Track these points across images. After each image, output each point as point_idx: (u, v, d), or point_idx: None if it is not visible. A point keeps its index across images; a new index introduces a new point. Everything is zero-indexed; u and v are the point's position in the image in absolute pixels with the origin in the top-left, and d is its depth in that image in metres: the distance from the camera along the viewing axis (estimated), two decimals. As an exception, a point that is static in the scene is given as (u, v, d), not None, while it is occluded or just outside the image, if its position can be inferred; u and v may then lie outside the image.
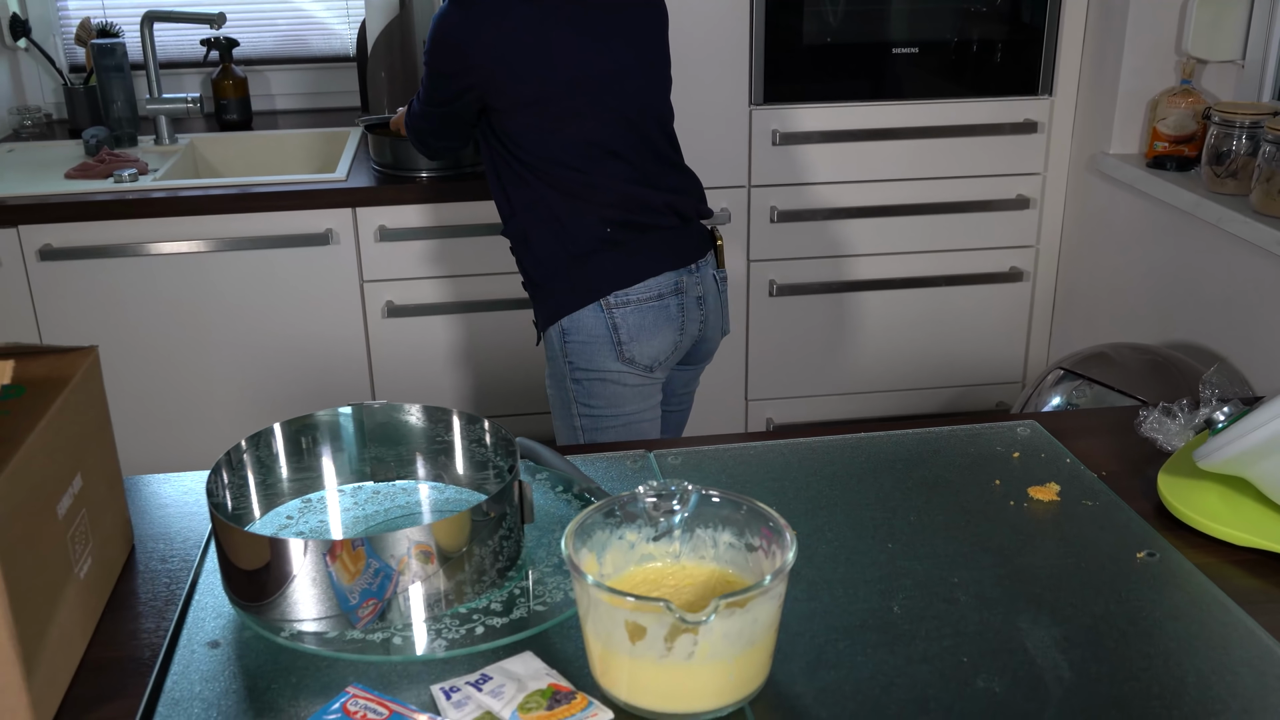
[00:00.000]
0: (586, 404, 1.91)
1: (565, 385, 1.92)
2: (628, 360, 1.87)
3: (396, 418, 1.17)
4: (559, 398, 1.95)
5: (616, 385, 1.89)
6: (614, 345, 1.86)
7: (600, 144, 1.83)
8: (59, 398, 0.99)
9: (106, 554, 1.07)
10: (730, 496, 0.98)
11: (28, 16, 2.88)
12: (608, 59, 1.82)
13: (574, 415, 1.93)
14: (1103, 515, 1.19)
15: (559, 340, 1.89)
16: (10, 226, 2.34)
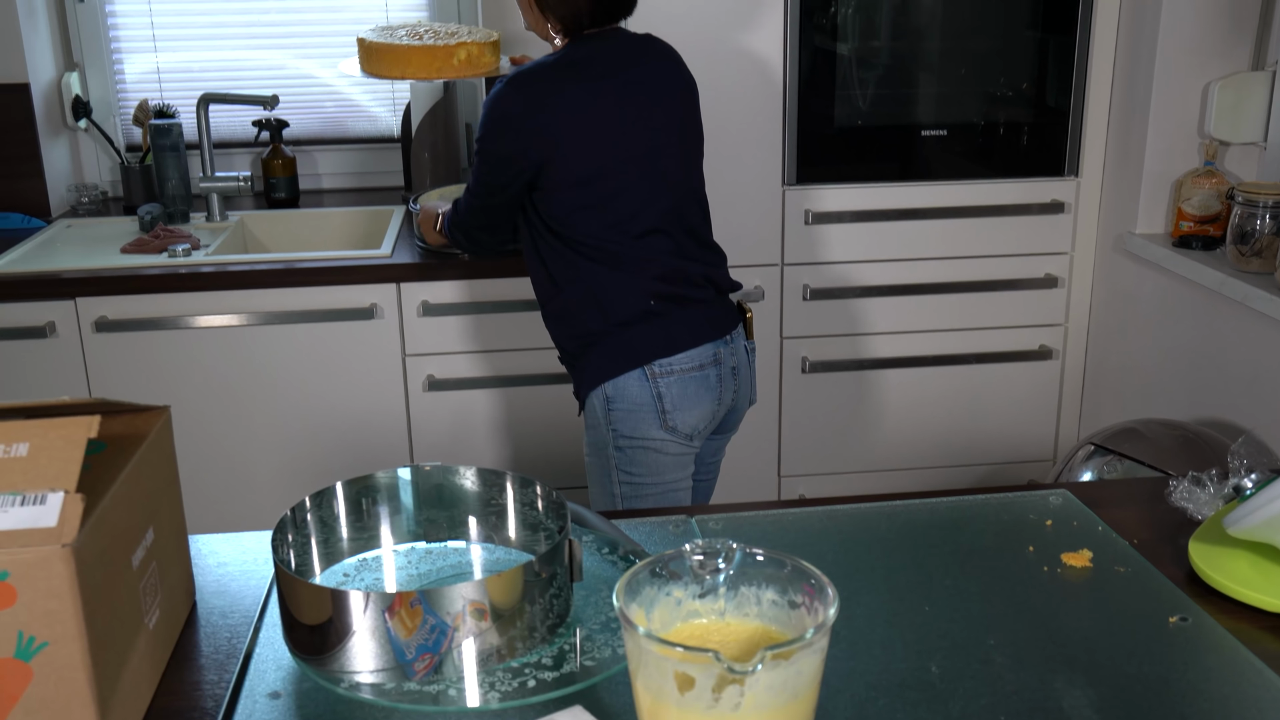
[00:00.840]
0: (628, 471, 1.95)
1: (607, 453, 1.96)
2: (670, 429, 1.92)
3: (451, 480, 1.22)
4: (599, 465, 1.99)
5: (658, 454, 1.93)
6: (658, 414, 1.90)
7: (644, 219, 1.89)
8: (136, 453, 1.04)
9: (173, 607, 1.12)
10: (774, 555, 1.02)
11: (89, 98, 3.00)
12: (650, 135, 1.90)
13: (614, 483, 1.96)
14: (1135, 581, 1.22)
15: (602, 408, 1.93)
16: (68, 298, 2.42)
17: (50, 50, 2.92)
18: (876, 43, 2.67)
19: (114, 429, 1.09)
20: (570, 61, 1.87)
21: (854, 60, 2.66)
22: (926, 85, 2.71)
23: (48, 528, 0.89)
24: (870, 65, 2.68)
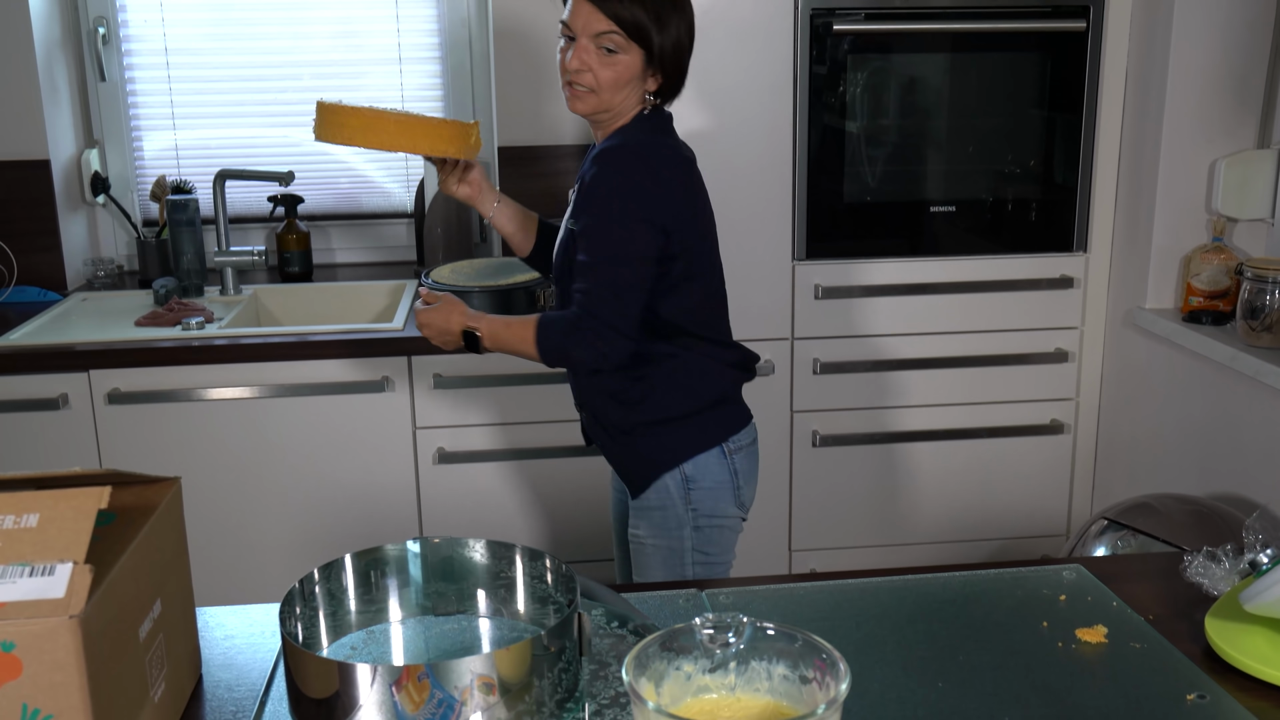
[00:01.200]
0: (705, 551, 1.88)
1: (681, 534, 1.87)
2: (740, 504, 1.90)
3: (461, 553, 1.21)
4: (666, 547, 1.88)
5: (731, 530, 1.90)
6: (734, 490, 1.87)
7: (719, 294, 1.91)
8: (145, 525, 1.04)
9: (178, 680, 1.11)
10: (784, 629, 1.01)
11: (108, 174, 3.05)
12: (710, 209, 1.92)
13: (687, 565, 1.87)
14: (1151, 657, 1.20)
15: (679, 488, 1.85)
16: (81, 370, 2.44)
17: (71, 127, 2.98)
18: (885, 120, 2.70)
19: (124, 500, 1.09)
20: (672, 130, 1.87)
21: (863, 137, 2.69)
22: (935, 162, 2.74)
23: (55, 599, 0.88)
24: (879, 143, 2.71)
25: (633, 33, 1.75)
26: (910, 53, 2.67)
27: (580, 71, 1.76)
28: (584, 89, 1.78)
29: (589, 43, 1.75)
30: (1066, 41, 2.68)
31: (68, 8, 2.96)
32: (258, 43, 3.07)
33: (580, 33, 1.75)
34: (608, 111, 1.81)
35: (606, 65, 1.76)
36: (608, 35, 1.75)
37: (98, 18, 2.97)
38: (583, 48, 1.76)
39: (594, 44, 1.75)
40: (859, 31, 2.61)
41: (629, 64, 1.76)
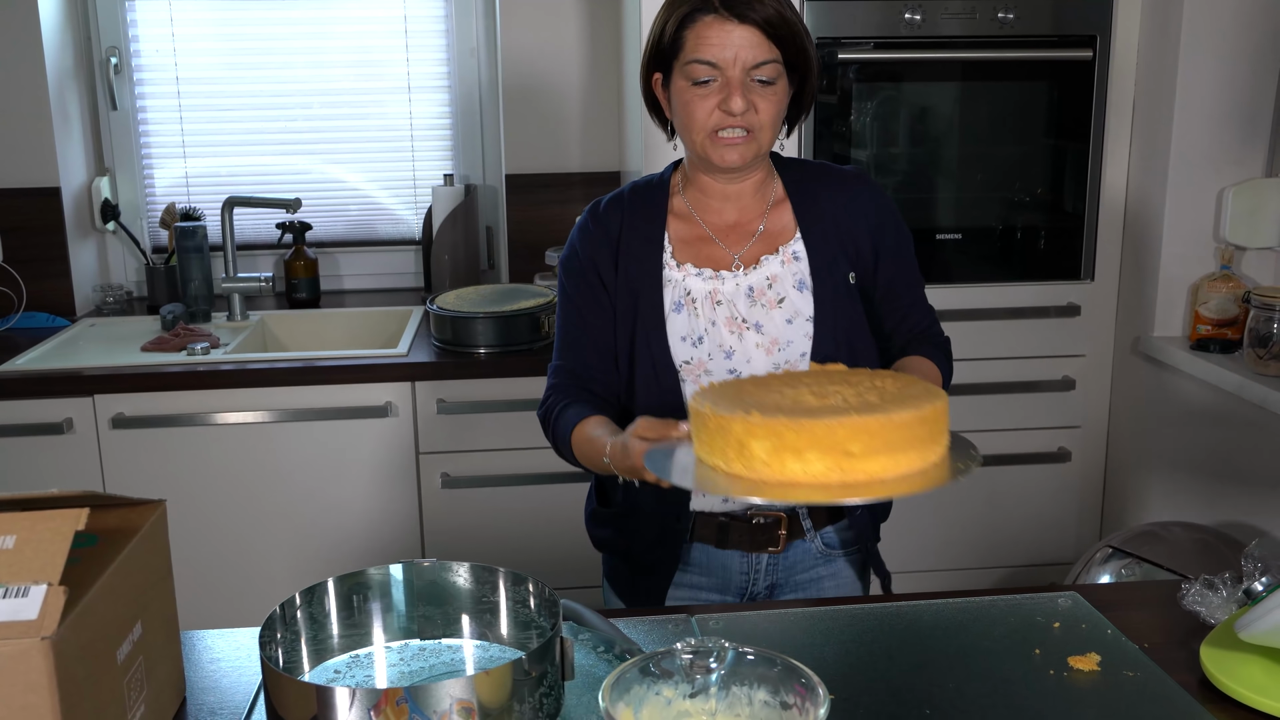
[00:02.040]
0: None
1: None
2: None
3: (445, 577, 1.21)
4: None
5: None
6: None
7: None
8: (126, 547, 1.04)
9: (159, 703, 1.11)
10: (765, 654, 1.00)
11: (118, 202, 3.07)
12: None
13: None
14: (1145, 686, 1.18)
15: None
16: (86, 395, 2.45)
17: (82, 155, 3.00)
18: (892, 149, 2.70)
19: (107, 523, 1.09)
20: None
21: (869, 165, 2.69)
22: (941, 190, 2.73)
23: (28, 620, 0.88)
24: (886, 171, 2.70)
25: (792, 53, 1.49)
26: (916, 81, 2.67)
27: (746, 113, 1.47)
28: (742, 134, 1.49)
29: (744, 77, 1.46)
30: (1073, 70, 2.68)
31: (80, 37, 3.00)
32: (268, 72, 3.10)
33: (731, 66, 1.45)
34: (760, 155, 1.55)
35: (766, 98, 1.48)
36: (767, 65, 1.47)
37: (110, 47, 3.01)
38: (740, 85, 1.46)
39: (749, 77, 1.47)
40: (865, 60, 2.61)
41: (783, 90, 1.52)
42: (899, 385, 1.21)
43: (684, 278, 1.58)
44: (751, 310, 1.56)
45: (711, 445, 1.13)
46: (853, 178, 1.65)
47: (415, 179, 3.22)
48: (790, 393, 1.18)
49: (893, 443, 1.09)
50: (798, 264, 1.58)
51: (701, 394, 1.21)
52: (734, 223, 1.61)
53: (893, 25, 2.60)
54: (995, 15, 2.60)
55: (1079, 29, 2.64)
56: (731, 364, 1.56)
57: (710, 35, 1.45)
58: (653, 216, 1.61)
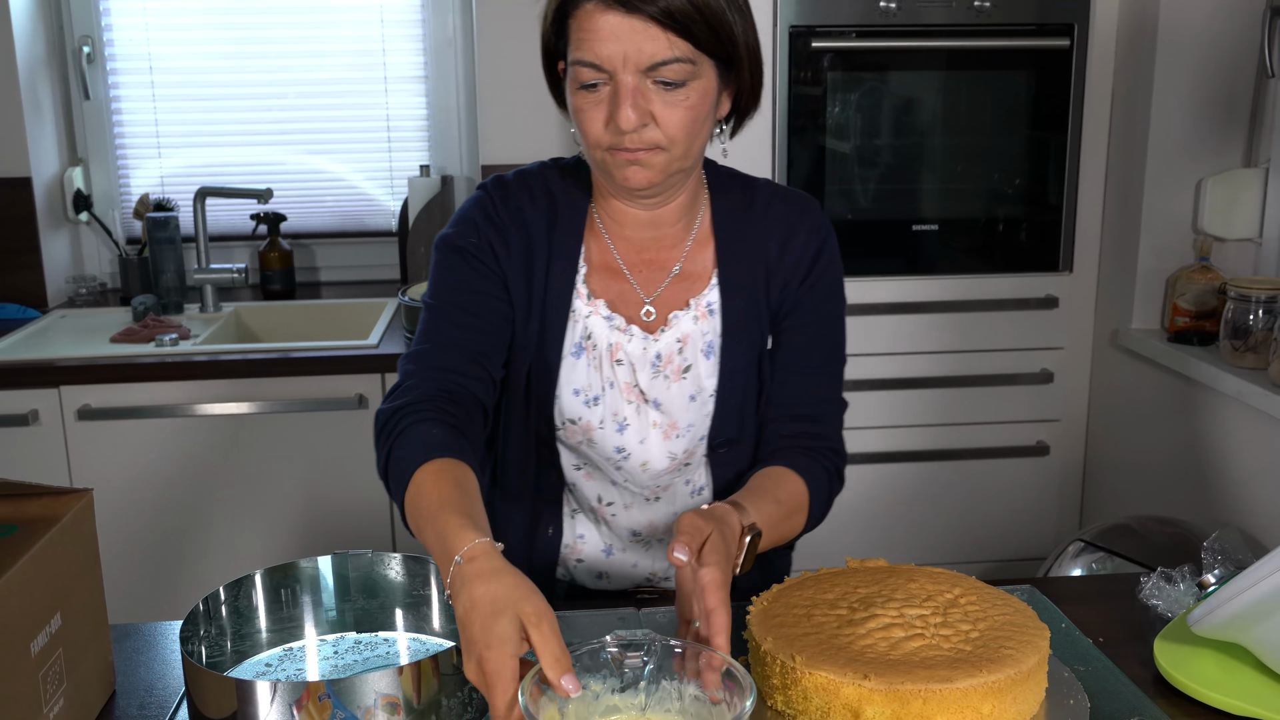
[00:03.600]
0: None
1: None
2: None
3: (379, 569, 1.18)
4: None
5: None
6: None
7: None
8: (44, 537, 1.02)
9: (83, 697, 1.08)
10: (696, 647, 0.98)
11: (91, 192, 3.04)
12: None
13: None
14: (1094, 680, 1.16)
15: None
16: (52, 387, 2.42)
17: (55, 145, 2.98)
18: (868, 139, 2.67)
19: (29, 512, 1.07)
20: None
21: (845, 156, 2.66)
22: (918, 181, 2.70)
23: (-74, 609, 0.86)
24: (862, 161, 2.68)
25: (709, 44, 1.19)
26: (892, 70, 2.64)
27: (643, 127, 1.19)
28: (647, 150, 1.20)
29: (638, 81, 1.17)
30: (1051, 60, 2.65)
31: (52, 26, 2.97)
32: (245, 62, 3.07)
33: (619, 68, 1.17)
34: (683, 172, 1.27)
35: (673, 106, 1.19)
36: (671, 65, 1.17)
37: (82, 36, 2.98)
38: (633, 90, 1.17)
39: (647, 81, 1.18)
40: (839, 49, 2.58)
41: (703, 91, 1.21)
42: (983, 602, 1.14)
43: (590, 314, 1.33)
44: (654, 382, 1.34)
45: (804, 705, 1.03)
46: (798, 210, 1.38)
47: (392, 170, 3.19)
48: (873, 626, 1.08)
49: (1021, 696, 1.04)
50: (711, 320, 1.35)
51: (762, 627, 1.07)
52: (648, 256, 1.35)
53: (869, 13, 2.57)
54: (972, 3, 2.57)
55: (1057, 17, 2.61)
56: (622, 440, 1.34)
57: (592, 28, 1.16)
58: (573, 221, 1.34)
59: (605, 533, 1.45)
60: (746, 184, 1.40)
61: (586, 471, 1.41)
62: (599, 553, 1.46)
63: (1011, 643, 1.07)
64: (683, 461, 1.38)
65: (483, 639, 0.93)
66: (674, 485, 1.41)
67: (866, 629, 1.09)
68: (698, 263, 1.36)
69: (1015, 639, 1.08)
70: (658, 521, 1.42)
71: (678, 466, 1.39)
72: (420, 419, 1.19)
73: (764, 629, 1.09)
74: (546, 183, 1.36)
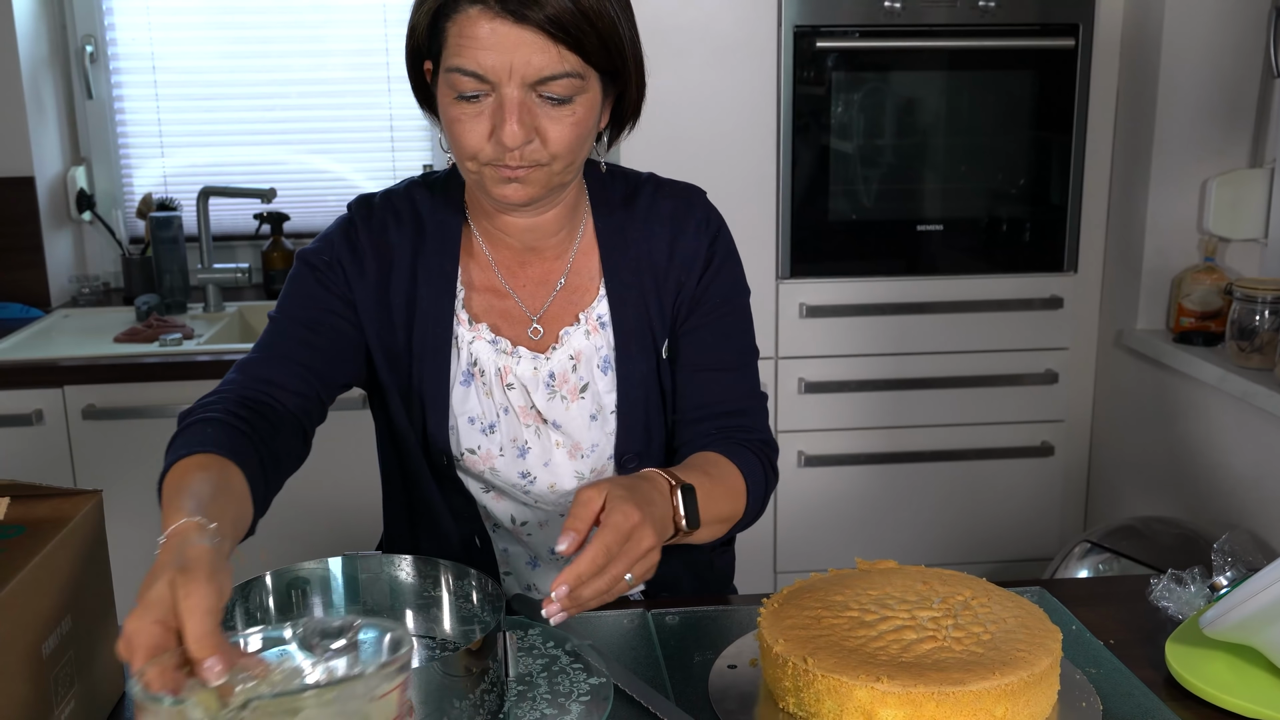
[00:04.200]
0: None
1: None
2: None
3: (388, 570, 1.18)
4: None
5: None
6: None
7: None
8: (55, 538, 1.01)
9: (94, 697, 1.08)
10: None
11: (94, 192, 3.04)
12: None
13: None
14: (1105, 683, 1.15)
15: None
16: (56, 386, 2.42)
17: (58, 145, 2.97)
18: (872, 138, 2.67)
19: (39, 513, 1.07)
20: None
21: (849, 156, 2.66)
22: (922, 181, 2.70)
23: (-61, 611, 0.85)
24: (866, 161, 2.68)
25: (599, 58, 1.13)
26: (897, 70, 2.64)
27: (527, 144, 1.13)
28: (529, 168, 1.15)
29: (523, 95, 1.11)
30: (1056, 60, 2.65)
31: (55, 25, 2.96)
32: (248, 62, 3.07)
33: (505, 80, 1.11)
34: (563, 185, 1.22)
35: (560, 121, 1.14)
36: (559, 80, 1.12)
37: (85, 35, 2.98)
38: (519, 105, 1.11)
39: (533, 95, 1.12)
40: (843, 49, 2.58)
41: (589, 105, 1.16)
42: (994, 604, 1.14)
43: (473, 340, 1.28)
44: (551, 404, 1.29)
45: (817, 707, 1.03)
46: (681, 207, 1.32)
47: (395, 170, 3.18)
48: (885, 629, 1.08)
49: (1034, 699, 1.04)
50: (603, 334, 1.30)
51: (774, 629, 1.07)
52: (531, 270, 1.30)
53: (874, 13, 2.57)
54: (976, 3, 2.57)
55: (1061, 17, 2.61)
56: (526, 464, 1.30)
57: (474, 35, 1.09)
58: (443, 243, 1.27)
59: (527, 547, 1.42)
60: (629, 182, 1.35)
61: (494, 494, 1.37)
62: (524, 565, 1.43)
63: (1024, 645, 1.06)
64: (592, 479, 1.34)
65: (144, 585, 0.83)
66: None
67: (878, 631, 1.09)
68: (583, 273, 1.31)
69: (1027, 641, 1.07)
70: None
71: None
72: (206, 419, 1.16)
73: (776, 631, 1.09)
74: (414, 204, 1.30)
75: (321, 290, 1.27)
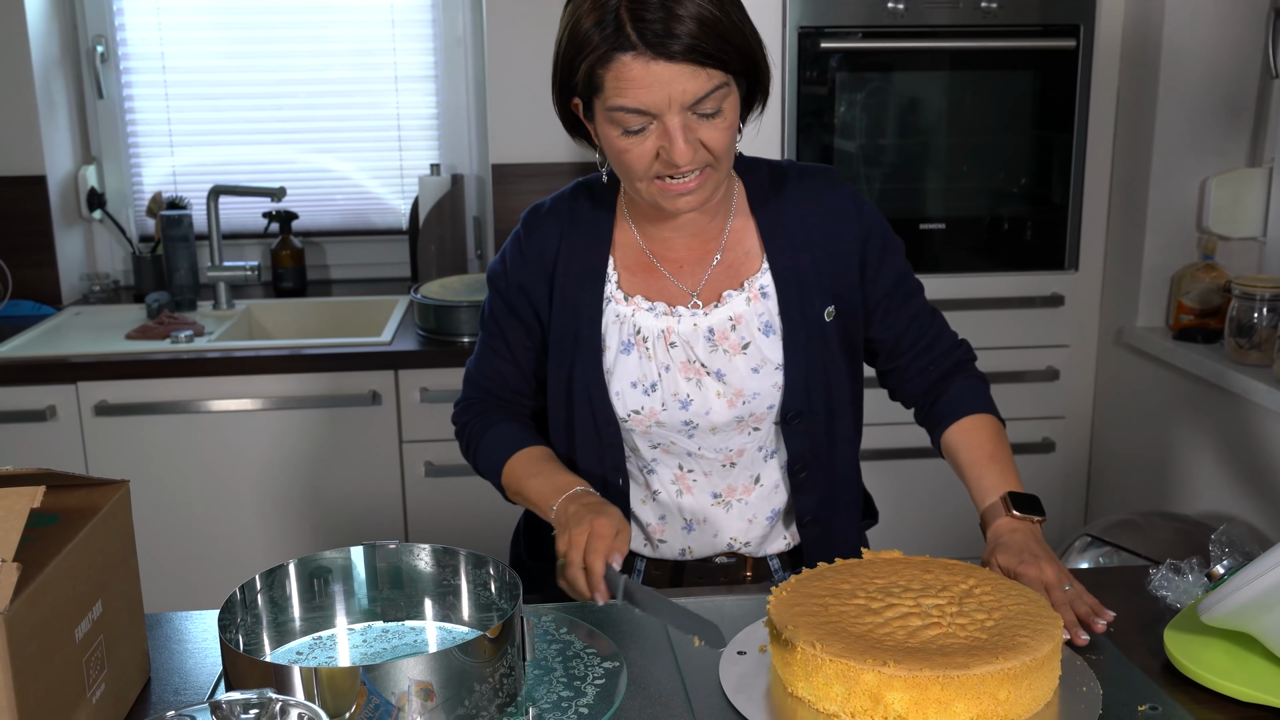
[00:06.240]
0: None
1: None
2: None
3: (406, 560, 1.21)
4: None
5: None
6: None
7: None
8: (86, 527, 1.04)
9: (121, 682, 1.11)
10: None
11: (104, 190, 3.07)
12: None
13: None
14: (1104, 669, 1.18)
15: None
16: (69, 383, 2.45)
17: (69, 144, 3.00)
18: (876, 138, 2.70)
19: (69, 502, 1.10)
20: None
21: (853, 155, 2.69)
22: (925, 180, 2.73)
23: (-19, 595, 0.89)
24: (870, 160, 2.71)
25: (739, 65, 1.26)
26: (900, 71, 2.67)
27: (696, 155, 1.26)
28: (695, 176, 1.28)
29: (683, 119, 1.24)
30: (1057, 60, 2.68)
31: (66, 25, 2.99)
32: (256, 61, 3.10)
33: (665, 110, 1.22)
34: (719, 188, 1.35)
35: (716, 129, 1.26)
36: (710, 97, 1.23)
37: (96, 35, 3.01)
38: (683, 127, 1.23)
39: (690, 114, 1.24)
40: (847, 50, 2.61)
41: (734, 105, 1.29)
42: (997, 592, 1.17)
43: (633, 312, 1.40)
44: (712, 356, 1.40)
45: (826, 692, 1.06)
46: (825, 184, 1.45)
47: (403, 169, 3.22)
48: (891, 615, 1.11)
49: (1036, 683, 1.07)
50: (765, 302, 1.41)
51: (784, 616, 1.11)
52: (686, 253, 1.43)
53: (877, 14, 2.60)
54: (979, 4, 2.60)
55: (1062, 18, 2.64)
56: (688, 414, 1.41)
57: (634, 78, 1.21)
58: (596, 238, 1.43)
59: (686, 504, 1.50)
60: (765, 166, 1.47)
61: (663, 448, 1.46)
62: (680, 530, 1.50)
63: (1026, 631, 1.10)
64: (751, 426, 1.44)
65: (596, 509, 1.26)
66: (746, 450, 1.46)
67: (885, 618, 1.12)
68: (740, 248, 1.43)
69: (1029, 627, 1.10)
70: (735, 483, 1.48)
71: (747, 429, 1.44)
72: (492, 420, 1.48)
73: (785, 617, 1.12)
74: (568, 202, 1.46)
75: (515, 320, 1.47)
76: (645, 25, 1.19)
